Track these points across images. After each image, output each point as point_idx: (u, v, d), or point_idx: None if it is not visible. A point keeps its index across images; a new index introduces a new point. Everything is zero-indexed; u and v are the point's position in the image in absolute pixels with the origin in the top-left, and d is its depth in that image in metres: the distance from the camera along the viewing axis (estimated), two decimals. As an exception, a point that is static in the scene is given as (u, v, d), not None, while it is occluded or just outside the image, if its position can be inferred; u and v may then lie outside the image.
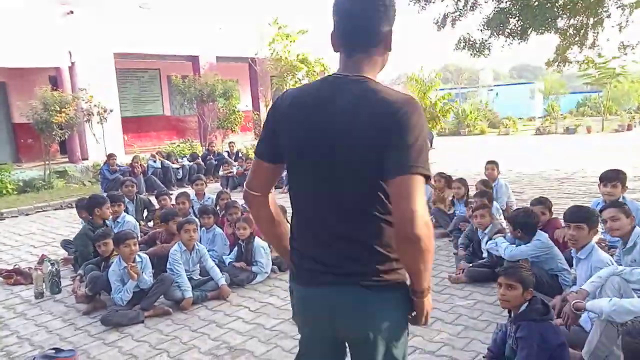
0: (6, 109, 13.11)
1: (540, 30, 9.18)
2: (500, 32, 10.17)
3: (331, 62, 16.64)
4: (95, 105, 12.04)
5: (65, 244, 5.94)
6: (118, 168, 10.34)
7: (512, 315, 2.71)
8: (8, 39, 11.11)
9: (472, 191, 6.12)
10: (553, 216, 4.70)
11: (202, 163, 11.80)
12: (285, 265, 5.01)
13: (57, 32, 11.98)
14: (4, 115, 13.12)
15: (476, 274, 4.39)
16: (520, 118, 26.41)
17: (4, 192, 10.16)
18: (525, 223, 3.92)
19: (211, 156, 12.17)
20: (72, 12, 12.06)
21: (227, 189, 10.31)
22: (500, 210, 5.66)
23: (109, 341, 3.68)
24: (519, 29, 10.01)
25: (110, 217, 5.57)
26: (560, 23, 10.03)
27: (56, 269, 4.80)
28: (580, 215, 3.31)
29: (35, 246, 6.67)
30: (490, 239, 4.43)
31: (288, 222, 5.80)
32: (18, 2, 11.26)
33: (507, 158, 13.03)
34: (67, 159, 12.86)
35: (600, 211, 3.54)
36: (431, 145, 11.38)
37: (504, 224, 5.04)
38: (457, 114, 22.21)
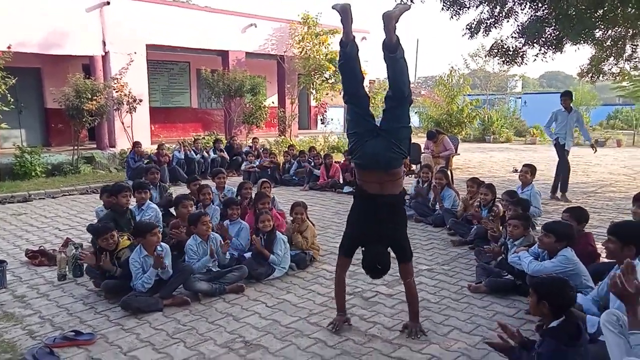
0: (40, 94, 13.46)
1: (576, 41, 8.93)
2: (535, 41, 9.94)
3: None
4: (125, 95, 12.26)
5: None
6: (147, 155, 10.65)
7: (544, 326, 2.63)
8: (45, 27, 11.40)
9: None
10: (586, 230, 4.58)
11: (226, 156, 11.89)
12: (303, 264, 5.05)
13: (92, 21, 12.24)
14: (37, 100, 13.47)
15: (497, 285, 4.31)
16: (549, 128, 25.89)
17: (33, 174, 10.41)
18: (567, 234, 3.77)
19: (235, 152, 12.23)
20: (108, 2, 12.30)
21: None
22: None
23: (127, 327, 3.74)
24: (554, 38, 9.77)
25: (136, 203, 5.69)
26: (598, 34, 9.75)
27: (79, 252, 4.90)
28: (612, 229, 3.26)
29: (60, 229, 6.82)
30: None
31: (308, 218, 5.81)
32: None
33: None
34: (95, 146, 13.14)
35: None
36: (456, 151, 11.22)
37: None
38: (483, 120, 21.92)
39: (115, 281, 4.24)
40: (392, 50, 3.21)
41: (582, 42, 9.24)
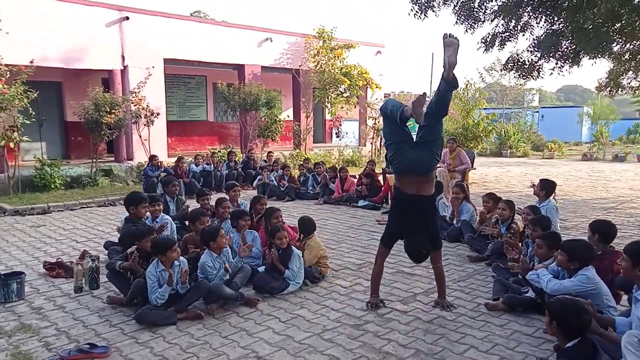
0: (60, 108, 13.75)
1: (593, 55, 8.81)
2: (551, 55, 9.85)
3: (375, 75, 16.72)
4: (143, 108, 12.44)
5: (110, 245, 5.93)
6: (163, 165, 10.87)
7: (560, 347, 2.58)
8: (66, 41, 11.67)
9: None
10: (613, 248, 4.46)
11: (240, 170, 11.93)
12: (317, 279, 5.02)
13: (112, 36, 12.50)
14: (58, 113, 13.75)
15: (516, 301, 4.22)
16: (566, 142, 25.57)
17: (52, 186, 10.59)
18: (583, 256, 3.67)
19: (251, 165, 12.25)
20: (127, 18, 12.55)
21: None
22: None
23: (141, 340, 3.74)
24: (571, 52, 9.67)
25: (150, 216, 5.73)
26: (616, 47, 9.63)
27: (96, 265, 4.94)
28: (625, 247, 3.22)
29: (77, 241, 6.90)
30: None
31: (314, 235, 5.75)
32: (77, 6, 11.83)
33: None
34: (113, 158, 13.33)
35: None
36: (472, 165, 11.12)
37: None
38: (500, 134, 21.73)
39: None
40: (454, 86, 3.86)
41: (599, 56, 9.11)
